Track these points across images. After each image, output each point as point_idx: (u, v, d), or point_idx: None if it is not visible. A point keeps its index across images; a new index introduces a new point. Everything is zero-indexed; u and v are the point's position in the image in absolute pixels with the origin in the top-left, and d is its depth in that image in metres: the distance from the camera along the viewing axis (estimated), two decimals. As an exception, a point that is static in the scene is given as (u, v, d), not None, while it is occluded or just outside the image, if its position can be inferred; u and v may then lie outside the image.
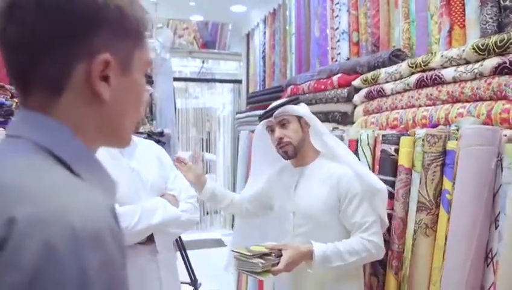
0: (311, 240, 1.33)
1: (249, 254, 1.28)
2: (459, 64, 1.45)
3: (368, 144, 1.61)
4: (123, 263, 0.42)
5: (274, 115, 1.44)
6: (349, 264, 1.31)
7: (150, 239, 1.34)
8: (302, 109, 1.47)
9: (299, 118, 1.46)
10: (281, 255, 1.29)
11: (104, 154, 1.33)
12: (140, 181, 1.41)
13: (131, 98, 0.53)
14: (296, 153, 1.45)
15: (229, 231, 4.78)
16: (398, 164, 1.42)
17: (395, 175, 1.44)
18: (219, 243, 4.88)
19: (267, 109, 1.50)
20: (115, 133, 0.54)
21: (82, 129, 0.49)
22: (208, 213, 5.43)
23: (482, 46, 1.33)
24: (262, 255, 1.28)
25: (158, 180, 1.47)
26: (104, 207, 0.43)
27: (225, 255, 1.85)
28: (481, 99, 1.34)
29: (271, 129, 1.48)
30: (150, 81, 1.42)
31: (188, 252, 4.17)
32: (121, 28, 0.50)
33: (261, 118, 1.53)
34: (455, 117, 1.40)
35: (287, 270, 1.28)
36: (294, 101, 1.50)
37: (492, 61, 1.29)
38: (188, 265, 2.53)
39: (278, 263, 1.27)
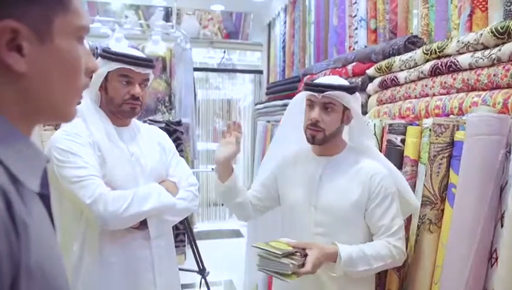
0: (336, 241, 1.22)
1: (278, 252, 1.14)
2: (476, 50, 1.34)
3: (375, 134, 1.52)
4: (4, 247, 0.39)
5: (323, 94, 1.25)
6: (374, 269, 1.22)
7: (145, 225, 1.33)
8: (354, 102, 1.29)
9: (345, 109, 1.29)
10: (305, 255, 1.18)
11: (103, 137, 1.33)
12: (139, 166, 1.40)
13: (59, 68, 0.49)
14: (323, 142, 1.30)
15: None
16: (404, 155, 1.34)
17: (400, 167, 1.36)
18: (237, 233, 4.89)
19: (318, 82, 1.30)
20: (45, 108, 0.50)
21: (1, 104, 0.46)
22: (226, 204, 5.44)
23: (502, 29, 1.22)
24: (289, 255, 1.16)
25: (158, 166, 1.46)
26: None
27: (241, 246, 1.71)
28: (498, 87, 1.24)
29: (310, 104, 1.30)
30: (149, 65, 1.38)
31: (205, 241, 4.21)
32: None
33: (307, 87, 1.31)
34: (469, 106, 1.30)
35: (313, 272, 1.17)
36: (350, 90, 1.28)
37: (511, 46, 1.18)
38: (196, 254, 2.53)
39: (302, 264, 1.16)
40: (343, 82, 1.31)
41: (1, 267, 0.39)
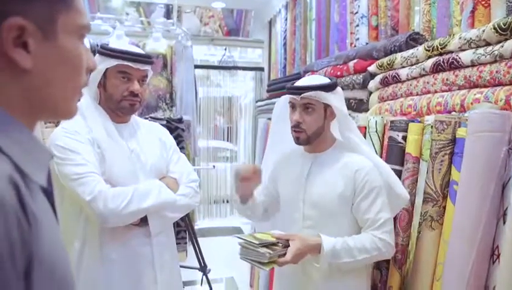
0: (320, 233, 1.26)
1: (255, 242, 1.21)
2: (478, 47, 1.33)
3: (377, 130, 1.52)
4: (12, 235, 0.39)
5: (301, 95, 1.31)
6: (358, 261, 1.24)
7: (145, 221, 1.33)
8: (334, 98, 1.32)
9: (327, 106, 1.33)
10: (288, 246, 1.23)
11: (102, 134, 1.33)
12: (139, 163, 1.40)
13: (63, 66, 0.50)
14: (308, 142, 1.35)
15: (248, 219, 4.78)
16: (406, 152, 1.33)
17: (402, 164, 1.35)
18: (238, 231, 4.89)
19: (297, 85, 1.35)
20: (47, 105, 0.51)
21: (5, 100, 0.47)
22: (227, 201, 5.44)
23: (504, 25, 1.21)
24: (269, 245, 1.22)
25: (158, 163, 1.45)
26: None
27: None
28: (500, 83, 1.23)
29: (292, 106, 1.36)
30: (148, 61, 1.38)
31: (206, 239, 4.21)
32: None
33: (288, 91, 1.37)
34: (471, 103, 1.29)
35: (294, 262, 1.22)
36: (329, 88, 1.32)
37: (514, 42, 1.17)
38: (197, 251, 2.53)
39: (284, 254, 1.21)
40: (322, 81, 1.34)
41: (14, 255, 0.39)
